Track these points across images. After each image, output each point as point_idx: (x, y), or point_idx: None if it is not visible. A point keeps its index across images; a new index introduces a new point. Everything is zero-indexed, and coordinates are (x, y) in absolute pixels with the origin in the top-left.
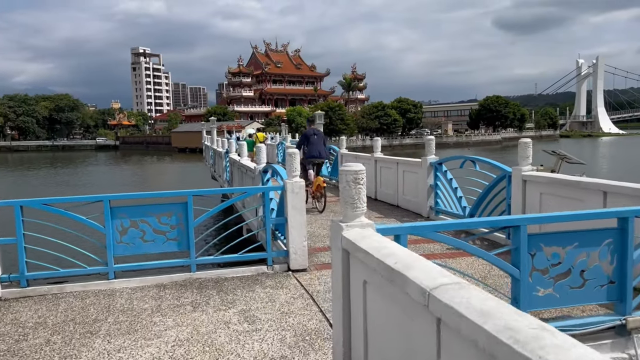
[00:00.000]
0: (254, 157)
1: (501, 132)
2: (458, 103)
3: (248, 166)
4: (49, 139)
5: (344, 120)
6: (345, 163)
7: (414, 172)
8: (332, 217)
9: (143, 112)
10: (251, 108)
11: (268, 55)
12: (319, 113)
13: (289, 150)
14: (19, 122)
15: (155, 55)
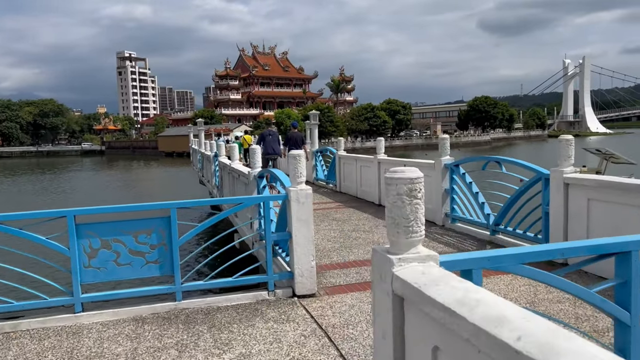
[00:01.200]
0: (240, 160)
1: (490, 133)
2: (445, 104)
3: (241, 171)
4: (33, 144)
5: (334, 122)
6: (345, 164)
7: (425, 176)
8: (374, 247)
9: (129, 117)
10: (239, 111)
11: (255, 57)
12: (314, 113)
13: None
14: (2, 128)
15: (141, 59)
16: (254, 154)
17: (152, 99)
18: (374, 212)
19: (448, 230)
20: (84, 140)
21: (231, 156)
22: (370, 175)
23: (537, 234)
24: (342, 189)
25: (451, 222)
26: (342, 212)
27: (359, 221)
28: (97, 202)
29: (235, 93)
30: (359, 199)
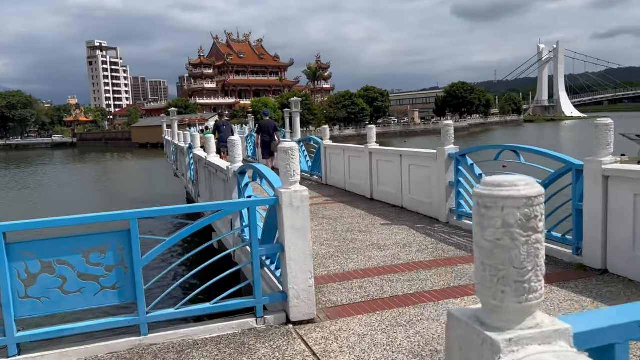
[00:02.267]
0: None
1: (467, 119)
2: (421, 91)
3: (218, 165)
4: (1, 138)
5: (311, 110)
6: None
7: (425, 167)
8: (450, 311)
9: (101, 108)
10: (214, 100)
11: (230, 45)
12: (295, 100)
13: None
14: None
15: (112, 48)
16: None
17: (125, 89)
18: (366, 208)
19: (454, 228)
20: (55, 132)
21: (207, 148)
22: (361, 166)
23: (565, 235)
24: (329, 181)
25: (457, 218)
26: (332, 208)
27: (352, 219)
28: (61, 200)
29: (210, 82)
30: (348, 192)
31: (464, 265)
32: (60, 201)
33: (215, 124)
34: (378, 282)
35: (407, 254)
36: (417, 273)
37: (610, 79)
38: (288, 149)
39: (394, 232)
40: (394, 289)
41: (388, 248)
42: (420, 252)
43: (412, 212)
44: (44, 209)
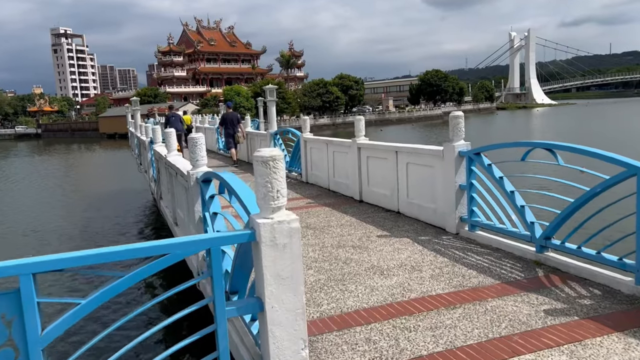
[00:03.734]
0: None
1: (441, 107)
2: (394, 79)
3: (179, 168)
4: None
5: (285, 99)
6: (311, 153)
7: (427, 166)
8: None
9: (67, 97)
10: (184, 89)
11: (200, 32)
12: (270, 88)
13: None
14: None
15: (78, 35)
16: (168, 137)
17: (92, 77)
18: (357, 213)
19: (467, 242)
20: (19, 123)
21: (167, 145)
22: (348, 163)
23: (623, 257)
24: (310, 179)
25: (470, 229)
26: (316, 213)
27: (341, 229)
28: (11, 196)
29: (180, 70)
30: (332, 193)
31: (497, 301)
32: (9, 198)
33: (165, 115)
34: (390, 331)
35: (419, 281)
36: (438, 314)
37: (578, 66)
38: (269, 159)
39: (396, 248)
40: (414, 344)
41: (393, 273)
42: (435, 278)
43: (411, 218)
44: None
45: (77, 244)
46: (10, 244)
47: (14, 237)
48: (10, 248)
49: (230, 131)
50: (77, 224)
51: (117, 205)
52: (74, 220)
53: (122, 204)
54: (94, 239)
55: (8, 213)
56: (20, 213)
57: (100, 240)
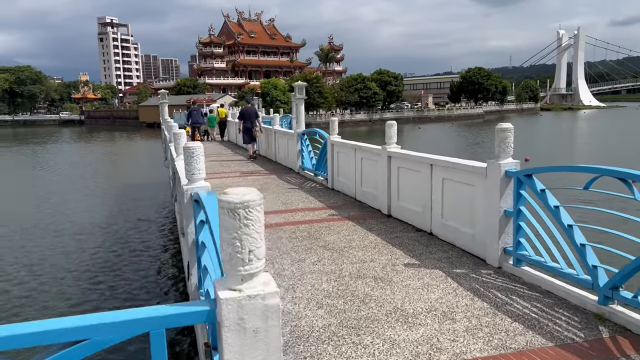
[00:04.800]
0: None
1: (483, 106)
2: (434, 76)
3: (180, 177)
4: (10, 113)
5: (322, 93)
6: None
7: (466, 184)
8: None
9: (111, 85)
10: (223, 80)
11: (241, 24)
12: (299, 85)
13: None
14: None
15: (124, 25)
16: (177, 139)
17: (135, 66)
18: (383, 231)
19: (512, 279)
20: (64, 109)
21: (176, 148)
22: (376, 172)
23: None
24: (335, 185)
25: (515, 263)
26: (338, 229)
27: (364, 252)
28: (49, 182)
29: (220, 61)
30: (358, 204)
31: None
32: (46, 184)
33: (189, 110)
34: None
35: (452, 336)
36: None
37: (630, 67)
38: (239, 206)
39: (425, 284)
40: None
41: (420, 321)
42: (472, 333)
43: (445, 242)
44: (23, 194)
45: (77, 243)
46: (15, 234)
47: (24, 226)
48: (11, 239)
49: (249, 125)
50: (93, 218)
51: (140, 201)
52: (92, 213)
53: (147, 199)
54: (99, 238)
55: (31, 200)
56: (44, 201)
57: (106, 241)
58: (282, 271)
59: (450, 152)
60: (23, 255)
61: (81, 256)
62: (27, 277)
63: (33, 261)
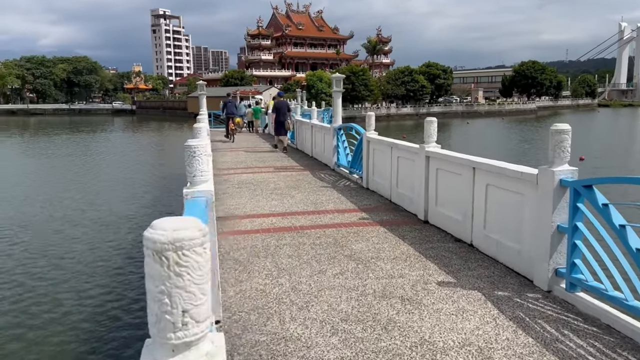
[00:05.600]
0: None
1: (536, 101)
2: (486, 69)
3: None
4: (67, 102)
5: (368, 86)
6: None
7: (514, 192)
8: None
9: (162, 76)
10: (270, 72)
11: (289, 16)
12: (337, 77)
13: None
14: (37, 85)
15: (176, 17)
16: (197, 133)
17: (186, 58)
18: (418, 240)
19: (562, 305)
20: (117, 99)
21: None
22: (414, 173)
23: None
24: (370, 185)
25: (568, 288)
26: (367, 236)
27: (393, 264)
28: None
29: (267, 53)
30: (393, 206)
31: None
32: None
33: (224, 102)
34: None
35: None
36: None
37: None
38: (168, 247)
39: (460, 309)
40: None
41: (450, 359)
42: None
43: (486, 257)
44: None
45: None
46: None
47: (53, 215)
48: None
49: (281, 119)
50: (120, 211)
51: (172, 195)
52: (123, 205)
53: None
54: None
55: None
56: (81, 190)
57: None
58: (299, 284)
59: (497, 149)
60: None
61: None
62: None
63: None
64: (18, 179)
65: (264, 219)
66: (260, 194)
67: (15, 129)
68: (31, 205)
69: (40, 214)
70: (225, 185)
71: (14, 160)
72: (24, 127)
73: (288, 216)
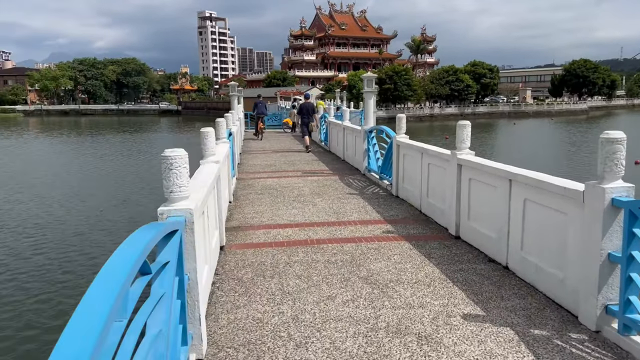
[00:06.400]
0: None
1: (587, 101)
2: (535, 68)
3: None
4: (116, 102)
5: (411, 85)
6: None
7: (556, 211)
8: None
9: (208, 77)
10: (312, 73)
11: (332, 16)
12: (368, 76)
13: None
14: (88, 86)
15: (221, 19)
16: (204, 138)
17: (231, 59)
18: (446, 259)
19: (612, 350)
20: (164, 99)
21: (204, 149)
22: (445, 181)
23: None
24: (400, 192)
25: (622, 330)
26: (389, 253)
27: (414, 290)
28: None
29: (310, 54)
30: (423, 217)
31: None
32: (113, 173)
33: (255, 102)
34: None
35: None
36: None
37: None
38: None
39: (488, 353)
40: None
41: None
42: None
43: (523, 283)
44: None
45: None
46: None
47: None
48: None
49: (306, 120)
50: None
51: None
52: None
53: None
54: None
55: (98, 193)
56: (111, 191)
57: None
58: (302, 313)
59: (543, 153)
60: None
61: None
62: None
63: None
64: (42, 178)
65: (280, 230)
66: (282, 201)
67: (65, 129)
68: (44, 205)
69: (50, 215)
70: (248, 191)
71: (50, 160)
72: (72, 127)
73: (306, 227)
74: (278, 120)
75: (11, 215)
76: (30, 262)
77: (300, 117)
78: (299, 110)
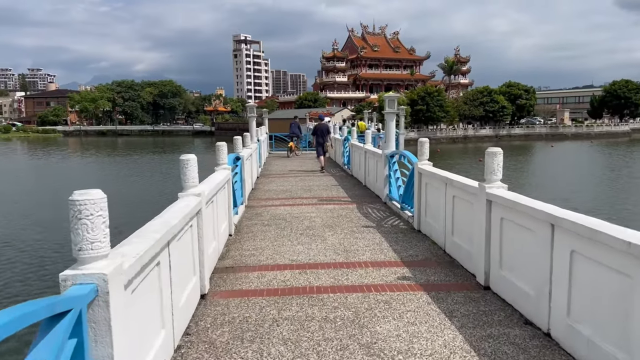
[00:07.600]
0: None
1: (629, 123)
2: (573, 89)
3: None
4: (152, 124)
5: (443, 107)
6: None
7: (614, 271)
8: None
9: (242, 99)
10: (344, 94)
11: (365, 38)
12: (390, 96)
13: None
14: (125, 107)
15: (256, 42)
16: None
17: (265, 81)
18: (470, 319)
19: None
20: (199, 120)
21: (183, 180)
22: (473, 219)
23: None
24: (422, 227)
25: None
26: (402, 308)
27: (444, 350)
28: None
29: (342, 75)
30: (447, 258)
31: None
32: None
33: (290, 123)
34: None
35: None
36: None
37: None
38: None
39: None
40: None
41: None
42: None
43: (571, 358)
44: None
45: None
46: None
47: None
48: None
49: (321, 140)
50: None
51: None
52: None
53: None
54: None
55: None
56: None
57: None
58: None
59: (586, 181)
60: None
61: None
62: None
63: None
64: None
65: (277, 273)
66: (288, 234)
67: (99, 149)
68: None
69: None
70: (254, 221)
71: (72, 179)
72: (106, 147)
73: (308, 270)
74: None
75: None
76: None
77: (315, 137)
78: (314, 131)
